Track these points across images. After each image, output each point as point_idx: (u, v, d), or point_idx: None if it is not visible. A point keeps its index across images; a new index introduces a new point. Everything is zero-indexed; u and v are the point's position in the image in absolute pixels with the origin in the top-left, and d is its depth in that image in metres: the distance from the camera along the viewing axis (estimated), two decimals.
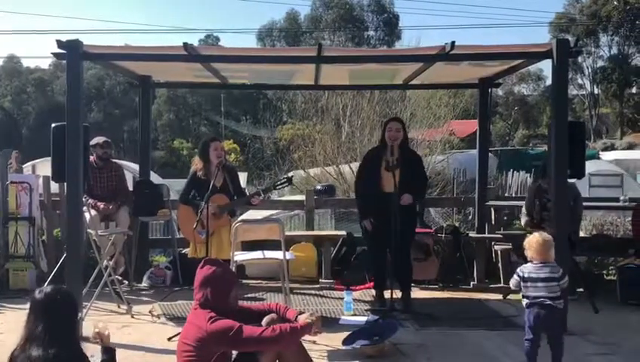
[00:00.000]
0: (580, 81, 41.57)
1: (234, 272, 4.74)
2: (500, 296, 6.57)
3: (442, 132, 15.17)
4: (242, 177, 11.68)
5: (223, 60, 6.11)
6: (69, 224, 5.39)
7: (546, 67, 40.25)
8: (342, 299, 6.07)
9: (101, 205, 6.80)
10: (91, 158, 6.52)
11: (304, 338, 3.84)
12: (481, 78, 7.31)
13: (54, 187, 7.19)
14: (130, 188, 7.26)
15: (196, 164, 6.27)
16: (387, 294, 5.95)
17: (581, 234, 7.71)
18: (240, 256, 5.72)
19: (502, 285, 6.88)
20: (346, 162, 13.92)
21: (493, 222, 7.64)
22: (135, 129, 27.49)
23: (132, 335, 5.28)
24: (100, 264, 5.99)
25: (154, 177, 8.26)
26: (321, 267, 7.32)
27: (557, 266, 4.26)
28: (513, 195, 10.89)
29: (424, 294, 6.79)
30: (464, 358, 4.77)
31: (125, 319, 5.76)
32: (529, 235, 4.51)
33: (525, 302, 4.25)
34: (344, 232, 7.84)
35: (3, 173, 7.07)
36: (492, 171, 13.20)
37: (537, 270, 4.21)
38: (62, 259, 5.97)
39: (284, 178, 6.31)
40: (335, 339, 4.89)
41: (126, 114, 38.70)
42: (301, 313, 3.76)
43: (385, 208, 5.76)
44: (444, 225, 7.74)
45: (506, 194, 11.27)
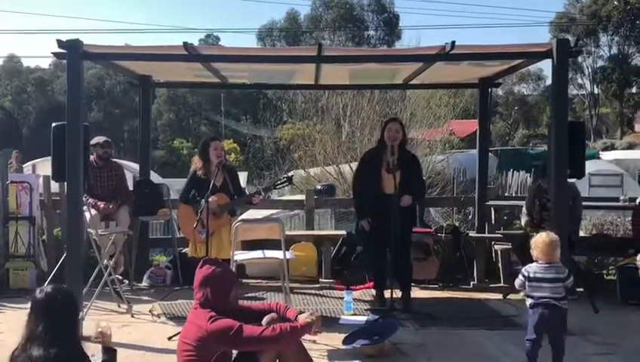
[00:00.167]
0: (580, 81, 41.68)
1: (234, 272, 4.76)
2: (500, 296, 6.58)
3: (442, 132, 15.16)
4: (242, 177, 11.70)
5: (223, 60, 6.11)
6: (70, 223, 5.39)
7: (546, 67, 40.28)
8: (342, 299, 6.07)
9: (101, 204, 6.79)
10: (91, 158, 6.52)
11: (304, 337, 3.84)
12: (481, 78, 7.31)
13: (54, 186, 7.18)
14: (130, 187, 7.25)
15: (196, 164, 6.26)
16: (387, 294, 5.94)
17: (581, 233, 7.70)
18: (240, 256, 5.72)
19: (502, 285, 6.89)
20: (346, 162, 13.91)
21: (493, 222, 7.64)
22: (135, 128, 27.55)
23: (132, 334, 5.28)
24: (100, 263, 5.99)
25: (154, 177, 8.27)
26: (321, 266, 7.32)
27: (563, 266, 4.24)
28: (513, 195, 10.90)
29: (424, 294, 6.79)
30: (464, 358, 4.77)
31: (125, 318, 5.76)
32: (534, 234, 4.49)
33: (529, 302, 4.23)
34: (344, 232, 7.83)
35: (3, 173, 7.07)
36: (492, 171, 13.22)
37: (543, 270, 4.19)
38: (62, 259, 5.98)
39: (284, 177, 6.28)
40: (335, 339, 4.90)
41: (126, 113, 38.71)
42: (301, 312, 3.77)
43: (384, 209, 5.75)
44: (444, 225, 7.74)
45: (506, 193, 11.28)
